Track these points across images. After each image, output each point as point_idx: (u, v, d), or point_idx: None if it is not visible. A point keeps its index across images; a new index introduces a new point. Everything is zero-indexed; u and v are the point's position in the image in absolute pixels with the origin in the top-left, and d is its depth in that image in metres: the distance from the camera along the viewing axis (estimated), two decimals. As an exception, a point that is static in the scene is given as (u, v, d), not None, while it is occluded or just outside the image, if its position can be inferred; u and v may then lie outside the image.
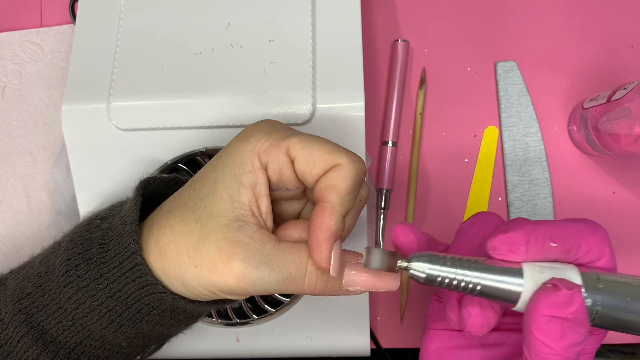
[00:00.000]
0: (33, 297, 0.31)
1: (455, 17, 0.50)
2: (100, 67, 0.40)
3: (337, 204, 0.28)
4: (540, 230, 0.28)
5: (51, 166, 0.48)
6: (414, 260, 0.28)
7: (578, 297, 0.26)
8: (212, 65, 0.39)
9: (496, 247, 0.28)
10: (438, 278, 0.28)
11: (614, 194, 0.48)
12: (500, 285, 0.27)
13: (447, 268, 0.28)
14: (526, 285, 0.27)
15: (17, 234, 0.47)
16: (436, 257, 0.28)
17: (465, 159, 0.48)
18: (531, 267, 0.28)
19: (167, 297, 0.30)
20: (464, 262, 0.28)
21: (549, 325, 0.26)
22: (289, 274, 0.28)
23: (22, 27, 0.50)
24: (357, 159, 0.29)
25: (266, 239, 0.29)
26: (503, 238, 0.28)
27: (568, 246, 0.28)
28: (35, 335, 0.31)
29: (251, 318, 0.42)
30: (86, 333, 0.31)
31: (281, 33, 0.40)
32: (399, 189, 0.48)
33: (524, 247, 0.27)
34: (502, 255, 0.28)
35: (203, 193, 0.30)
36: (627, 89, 0.40)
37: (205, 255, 0.28)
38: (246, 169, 0.29)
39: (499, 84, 0.49)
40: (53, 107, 0.49)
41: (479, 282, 0.27)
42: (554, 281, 0.27)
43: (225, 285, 0.28)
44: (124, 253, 0.30)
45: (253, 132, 0.30)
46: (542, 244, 0.28)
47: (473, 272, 0.27)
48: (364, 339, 0.43)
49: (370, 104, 0.49)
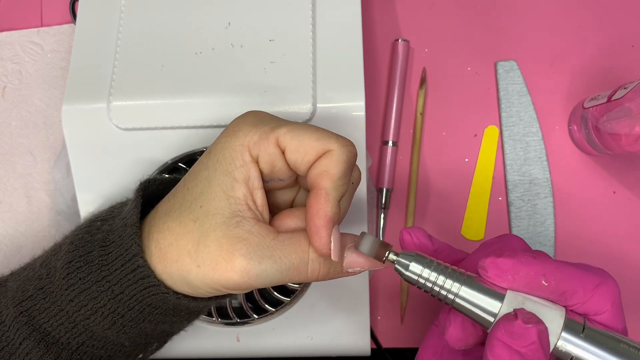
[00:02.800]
0: (34, 299, 0.31)
1: (455, 16, 0.50)
2: (101, 67, 0.40)
3: (331, 190, 0.28)
4: (535, 266, 0.28)
5: (51, 166, 0.48)
6: (401, 256, 0.29)
7: (532, 333, 0.26)
8: (213, 65, 0.39)
9: (485, 267, 0.28)
10: (419, 279, 0.28)
11: (614, 193, 0.48)
12: (477, 301, 0.28)
13: (429, 271, 0.28)
14: (502, 310, 0.27)
15: (17, 234, 0.47)
16: (422, 259, 0.29)
17: (466, 158, 0.48)
18: (514, 295, 0.28)
19: (170, 296, 0.30)
20: (449, 271, 0.28)
21: (499, 350, 0.26)
22: (291, 264, 0.29)
23: (22, 27, 0.50)
24: (347, 143, 0.29)
25: (265, 232, 0.29)
26: (493, 261, 0.28)
27: (561, 290, 0.28)
28: (37, 337, 0.31)
29: (251, 318, 0.42)
30: (88, 334, 0.31)
31: (281, 33, 0.40)
32: (399, 188, 0.48)
33: (511, 276, 0.28)
34: (488, 277, 0.28)
35: (197, 192, 0.30)
36: (627, 89, 0.40)
37: (207, 254, 0.29)
38: (238, 164, 0.29)
39: (499, 84, 0.49)
40: (53, 107, 0.49)
41: (457, 294, 0.28)
42: (517, 310, 0.27)
43: (230, 282, 0.28)
44: (125, 255, 0.30)
45: (240, 125, 0.30)
46: (532, 279, 0.28)
47: (454, 283, 0.28)
48: (364, 339, 0.43)
49: (371, 104, 0.49)
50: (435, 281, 0.28)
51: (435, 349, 0.34)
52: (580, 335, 0.27)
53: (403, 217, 0.48)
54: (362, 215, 0.40)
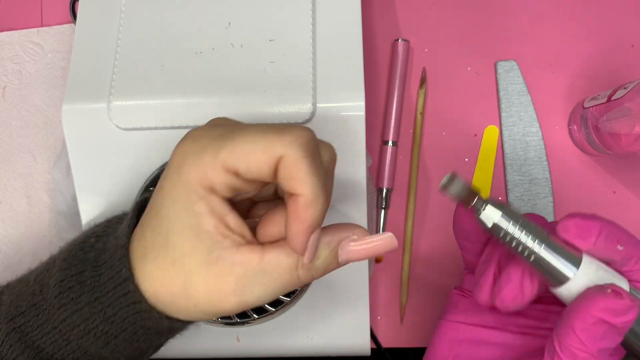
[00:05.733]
0: (27, 315, 0.31)
1: (455, 16, 0.50)
2: (101, 67, 0.40)
3: (305, 192, 0.26)
4: (615, 230, 0.29)
5: (51, 166, 0.48)
6: (490, 204, 0.28)
7: (635, 311, 0.27)
8: (213, 65, 0.39)
9: (569, 227, 0.28)
10: (502, 231, 0.28)
11: (614, 193, 0.48)
12: (555, 262, 0.28)
13: (514, 226, 0.28)
14: (579, 274, 0.28)
15: (17, 234, 0.47)
16: (510, 212, 0.29)
17: (466, 158, 0.48)
18: (590, 260, 0.28)
19: (164, 321, 0.30)
20: (532, 227, 0.28)
21: (594, 327, 0.27)
22: (282, 283, 0.28)
23: (22, 27, 0.50)
24: (295, 136, 0.26)
25: (248, 257, 0.28)
26: (579, 222, 0.28)
27: (630, 255, 0.28)
28: (30, 354, 0.30)
29: (251, 317, 0.42)
30: (82, 351, 0.31)
31: (281, 32, 0.40)
32: (399, 188, 0.48)
33: (595, 237, 0.28)
34: (570, 237, 0.28)
35: (164, 233, 0.28)
36: (627, 89, 0.40)
37: (199, 296, 0.28)
38: (195, 199, 0.27)
39: (499, 84, 0.49)
40: (53, 107, 0.49)
41: (538, 252, 0.28)
42: (615, 288, 0.27)
43: (229, 311, 0.29)
44: (116, 278, 0.29)
45: (182, 157, 0.28)
46: (611, 242, 0.28)
47: (536, 240, 0.28)
48: (364, 339, 0.43)
49: (371, 104, 0.49)
50: (519, 237, 0.28)
51: (449, 344, 0.34)
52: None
53: (403, 217, 0.48)
54: (362, 215, 0.40)
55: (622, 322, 0.27)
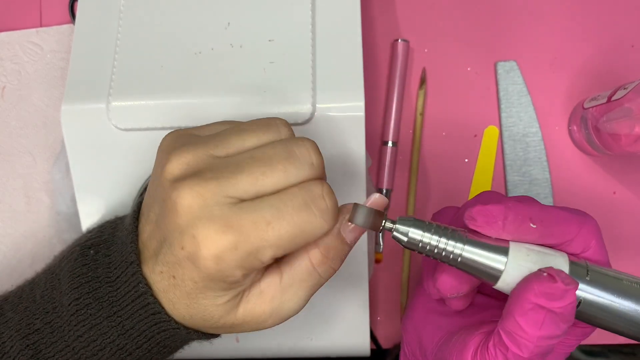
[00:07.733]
0: (41, 333, 0.31)
1: (455, 17, 0.50)
2: (100, 67, 0.39)
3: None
4: (522, 209, 0.27)
5: (51, 166, 0.48)
6: (398, 223, 0.28)
7: (571, 294, 0.26)
8: (212, 65, 0.39)
9: (474, 217, 0.27)
10: (420, 243, 0.28)
11: (614, 194, 0.48)
12: (482, 259, 0.27)
13: (430, 234, 0.27)
14: (509, 264, 0.27)
15: (16, 234, 0.47)
16: (421, 223, 0.28)
17: (466, 159, 0.48)
18: (518, 247, 0.27)
19: (181, 331, 0.30)
20: (450, 231, 0.28)
21: (532, 313, 0.26)
22: (308, 287, 0.29)
23: (21, 27, 0.50)
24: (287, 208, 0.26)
25: (271, 280, 0.29)
26: (481, 209, 0.27)
27: (549, 231, 0.27)
28: None
29: (251, 318, 0.42)
30: None
31: (281, 33, 0.40)
32: (399, 189, 0.48)
33: (501, 221, 0.27)
34: (478, 227, 0.27)
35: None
36: (627, 89, 0.40)
37: (233, 321, 0.29)
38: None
39: (499, 84, 0.49)
40: (53, 107, 0.49)
41: (461, 253, 0.27)
42: (551, 271, 0.26)
43: (267, 328, 0.30)
44: (133, 293, 0.29)
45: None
46: (520, 223, 0.27)
47: (457, 242, 0.27)
48: (364, 339, 0.43)
49: (370, 104, 0.49)
50: (437, 244, 0.27)
51: (423, 311, 0.34)
52: (586, 279, 0.27)
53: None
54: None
55: (560, 307, 0.25)
